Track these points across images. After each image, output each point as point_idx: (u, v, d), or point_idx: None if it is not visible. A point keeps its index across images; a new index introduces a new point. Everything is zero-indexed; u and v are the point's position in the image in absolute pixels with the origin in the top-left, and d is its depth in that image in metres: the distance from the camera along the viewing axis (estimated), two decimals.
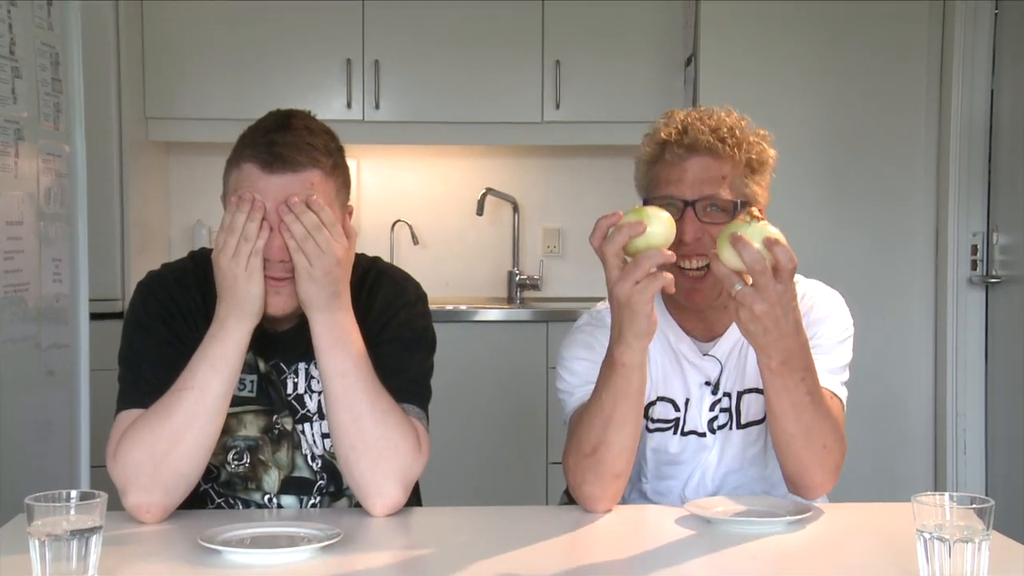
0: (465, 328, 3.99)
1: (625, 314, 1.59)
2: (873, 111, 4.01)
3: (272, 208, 1.68)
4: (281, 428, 1.86)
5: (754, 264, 1.54)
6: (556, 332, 3.89)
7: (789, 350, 1.62)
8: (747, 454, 1.93)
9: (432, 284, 3.93)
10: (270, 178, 1.68)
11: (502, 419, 3.99)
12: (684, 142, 1.83)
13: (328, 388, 1.72)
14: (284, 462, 1.86)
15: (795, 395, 1.66)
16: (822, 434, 1.70)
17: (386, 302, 1.87)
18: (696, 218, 1.80)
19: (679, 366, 1.93)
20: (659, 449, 1.95)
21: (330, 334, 1.72)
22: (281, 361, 1.85)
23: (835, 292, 1.94)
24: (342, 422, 1.72)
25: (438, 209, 4.62)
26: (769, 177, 1.89)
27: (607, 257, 1.58)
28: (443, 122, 4.25)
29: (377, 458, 1.71)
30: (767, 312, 1.57)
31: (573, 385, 1.90)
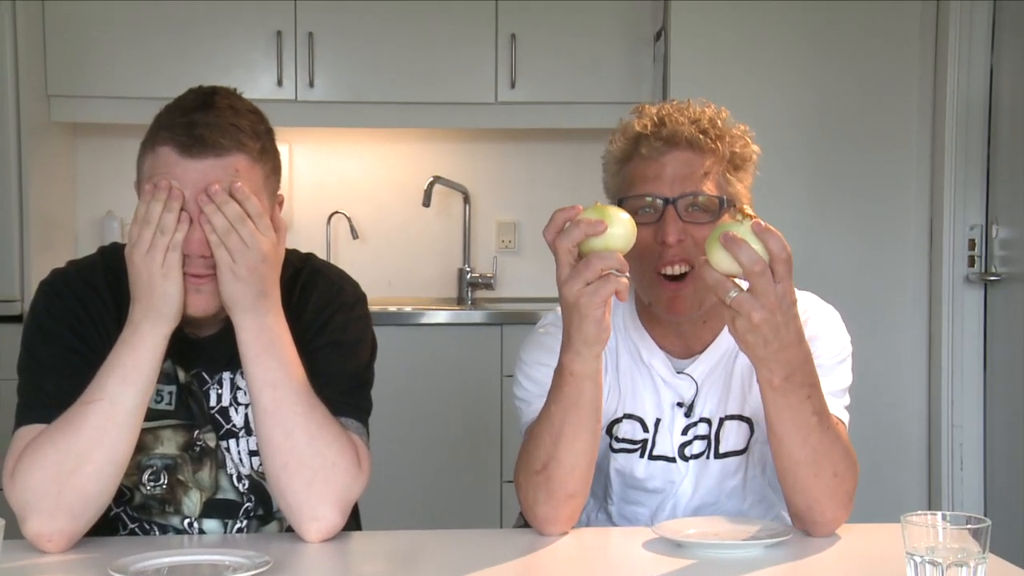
0: (410, 332, 3.99)
1: (574, 317, 1.60)
2: (861, 92, 4.05)
3: (192, 197, 1.66)
4: (203, 445, 1.84)
5: (752, 265, 1.54)
6: (511, 336, 3.90)
7: (792, 363, 1.62)
8: (724, 487, 1.94)
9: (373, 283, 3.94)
10: (189, 163, 1.67)
11: (451, 433, 3.99)
12: (662, 135, 1.83)
13: (257, 400, 1.72)
14: (206, 483, 1.85)
15: (801, 415, 1.66)
16: (831, 461, 1.70)
17: (321, 304, 1.86)
18: (678, 217, 1.80)
19: (651, 383, 1.94)
20: (624, 472, 1.96)
21: (258, 340, 1.71)
22: (203, 370, 1.84)
23: (831, 307, 1.95)
24: (272, 438, 1.71)
25: (380, 200, 4.61)
26: (752, 176, 1.91)
27: (560, 253, 1.58)
28: (385, 102, 4.24)
29: (312, 478, 1.70)
30: (767, 320, 1.57)
31: (531, 394, 1.90)
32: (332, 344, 1.83)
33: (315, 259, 1.96)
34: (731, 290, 1.57)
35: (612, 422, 1.95)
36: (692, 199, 1.81)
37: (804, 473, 1.69)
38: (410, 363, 3.94)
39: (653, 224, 1.81)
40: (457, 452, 3.99)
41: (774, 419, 1.67)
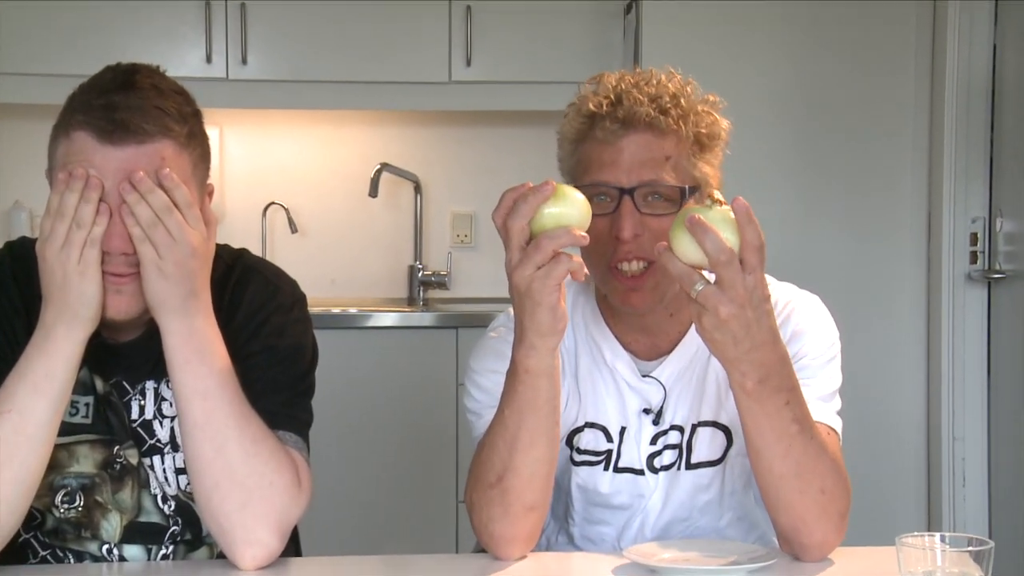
0: (355, 336, 3.98)
1: (526, 306, 1.60)
2: (851, 71, 4.07)
3: (112, 187, 1.65)
4: (124, 462, 1.84)
5: (718, 254, 1.53)
6: (468, 341, 3.90)
7: (767, 364, 1.61)
8: (697, 501, 1.94)
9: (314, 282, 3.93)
10: (109, 150, 1.65)
11: (401, 448, 3.99)
12: (618, 115, 1.83)
13: (185, 412, 1.71)
14: (127, 504, 1.84)
15: (780, 423, 1.65)
16: (818, 475, 1.69)
17: (255, 305, 1.86)
18: (635, 209, 1.80)
19: (615, 387, 1.94)
20: (586, 487, 1.96)
21: (187, 344, 1.70)
22: (124, 379, 1.84)
23: (814, 297, 1.95)
24: (203, 454, 1.70)
25: (321, 189, 4.61)
26: (721, 153, 1.90)
27: (511, 235, 1.58)
28: (326, 81, 4.23)
29: (247, 498, 1.70)
30: (736, 315, 1.56)
31: (483, 405, 1.90)
32: (268, 349, 1.83)
33: (249, 255, 1.95)
34: (697, 282, 1.56)
35: (572, 432, 1.95)
36: (651, 188, 1.81)
37: (787, 489, 1.69)
38: (355, 370, 3.93)
39: (609, 215, 1.81)
40: (407, 469, 3.99)
41: (750, 428, 1.67)
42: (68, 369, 1.67)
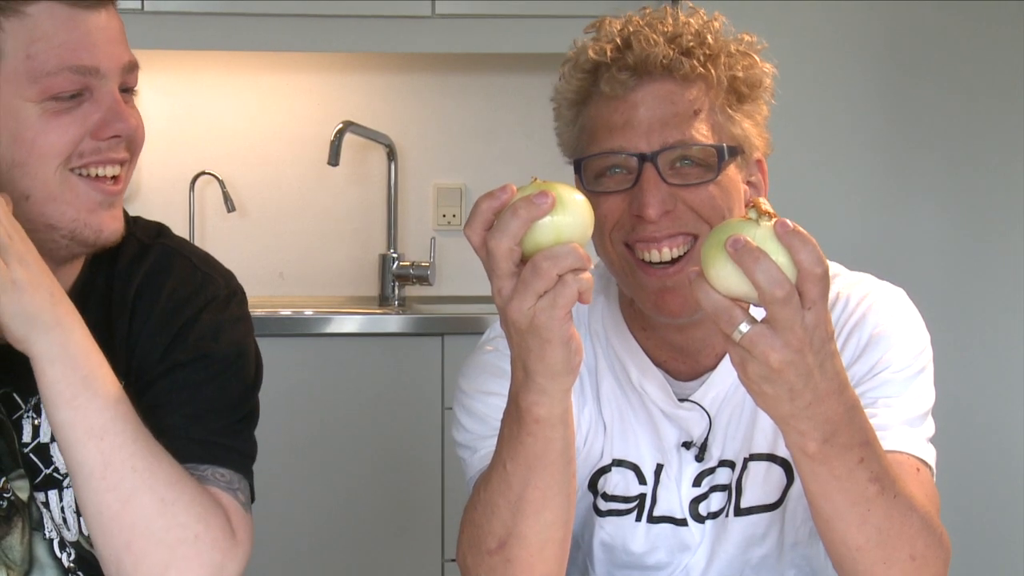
0: (311, 345, 4.00)
1: (531, 345, 1.55)
2: (957, 11, 4.08)
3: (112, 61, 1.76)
4: (12, 498, 1.84)
5: (773, 287, 1.46)
6: (456, 351, 3.91)
7: (834, 419, 1.58)
8: (750, 556, 1.95)
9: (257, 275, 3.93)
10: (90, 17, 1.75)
11: (373, 491, 4.00)
12: (628, 61, 1.82)
13: (75, 459, 1.70)
14: (16, 554, 1.84)
15: (853, 486, 1.63)
16: (906, 539, 1.68)
17: (179, 298, 1.86)
18: (661, 179, 1.80)
19: (646, 415, 1.95)
20: (613, 545, 1.97)
21: (73, 372, 1.69)
22: (14, 391, 1.84)
23: (898, 291, 1.96)
24: (103, 508, 1.70)
25: (266, 156, 4.62)
26: (766, 107, 1.90)
27: (496, 258, 1.51)
28: (272, 15, 4.23)
29: (169, 558, 1.70)
30: (793, 363, 1.50)
31: (477, 436, 1.92)
32: (199, 359, 1.83)
33: (170, 234, 1.96)
34: (740, 321, 1.50)
35: (597, 472, 1.96)
36: (680, 152, 1.81)
37: (868, 562, 1.68)
38: (311, 390, 3.95)
39: (627, 191, 1.81)
40: (380, 517, 4.00)
41: (817, 495, 1.65)
42: None
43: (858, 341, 1.86)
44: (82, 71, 1.72)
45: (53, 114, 1.72)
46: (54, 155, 1.72)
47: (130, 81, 1.80)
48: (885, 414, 1.78)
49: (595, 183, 1.84)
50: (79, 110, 1.73)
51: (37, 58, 1.70)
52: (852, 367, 1.84)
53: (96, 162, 1.75)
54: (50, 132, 1.72)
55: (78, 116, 1.73)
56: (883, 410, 1.79)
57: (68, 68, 1.71)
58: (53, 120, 1.72)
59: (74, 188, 1.73)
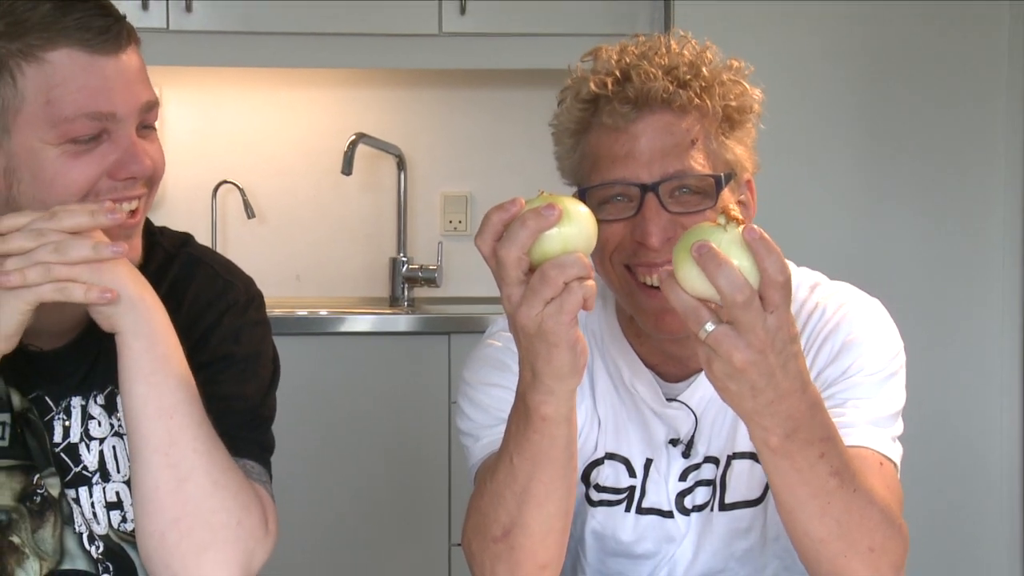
0: (325, 344, 4.00)
1: (539, 348, 1.56)
2: (929, 21, 4.07)
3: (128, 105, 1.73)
4: (44, 494, 1.84)
5: (734, 292, 1.46)
6: (462, 349, 3.90)
7: (795, 416, 1.57)
8: (734, 549, 1.95)
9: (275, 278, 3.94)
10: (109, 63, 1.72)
11: (383, 480, 4.00)
12: (628, 94, 1.81)
13: (144, 434, 1.71)
14: (48, 547, 1.85)
15: (814, 480, 1.63)
16: (865, 531, 1.68)
17: (203, 304, 1.87)
18: (662, 208, 1.79)
19: (637, 413, 1.95)
20: (603, 533, 1.97)
21: (152, 351, 1.71)
22: (46, 395, 1.84)
23: (874, 301, 1.95)
24: (162, 483, 1.71)
25: (283, 165, 4.62)
26: (754, 130, 1.89)
27: (506, 266, 1.52)
28: (290, 34, 4.23)
29: (210, 539, 1.71)
30: (755, 362, 1.50)
31: (480, 425, 1.92)
32: (221, 360, 1.84)
33: (195, 244, 1.96)
34: (706, 320, 1.49)
35: (590, 465, 1.96)
36: (679, 181, 1.80)
37: (829, 553, 1.68)
38: (325, 386, 3.94)
39: (629, 219, 1.80)
40: (390, 506, 4.00)
41: (779, 487, 1.65)
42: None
43: (831, 347, 1.86)
44: (99, 117, 1.70)
45: (72, 156, 1.70)
46: (72, 194, 1.70)
47: (149, 119, 1.78)
48: (853, 414, 1.78)
49: (598, 210, 1.81)
50: (97, 151, 1.71)
51: (56, 103, 1.69)
52: (825, 371, 1.85)
53: (113, 199, 1.73)
54: (68, 173, 1.70)
55: (96, 157, 1.71)
56: (851, 410, 1.79)
57: (85, 114, 1.69)
58: (71, 161, 1.70)
59: None
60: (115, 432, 1.84)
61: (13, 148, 1.71)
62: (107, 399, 1.85)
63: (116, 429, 1.84)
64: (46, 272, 1.62)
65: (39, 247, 1.63)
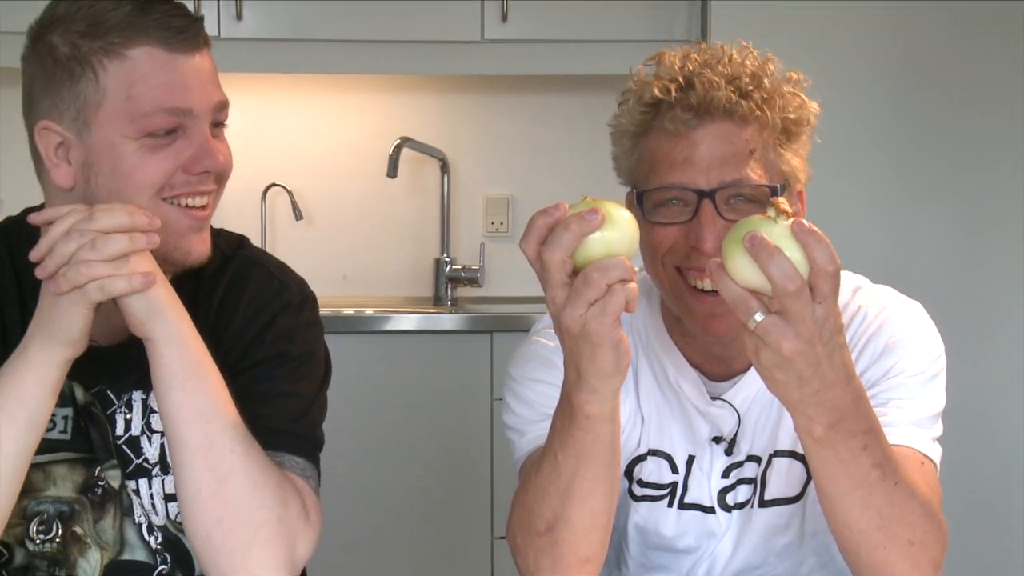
0: (371, 342, 4.00)
1: (583, 349, 1.56)
2: (961, 25, 4.04)
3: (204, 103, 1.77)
4: (105, 486, 1.86)
5: (786, 282, 1.46)
6: (504, 347, 3.90)
7: (840, 406, 1.57)
8: (773, 544, 1.94)
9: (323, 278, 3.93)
10: (186, 61, 1.76)
11: (427, 474, 4.00)
12: (690, 101, 1.80)
13: (183, 438, 1.72)
14: (109, 537, 1.86)
15: (857, 471, 1.62)
16: (906, 525, 1.67)
17: (258, 304, 1.88)
18: (717, 215, 1.78)
19: (681, 411, 1.95)
20: (646, 527, 1.97)
21: (185, 357, 1.72)
22: (108, 389, 1.86)
23: (916, 304, 1.94)
24: (203, 486, 1.72)
25: (331, 169, 4.63)
26: (809, 142, 1.89)
27: (550, 269, 1.53)
28: (337, 41, 4.24)
29: (253, 536, 1.72)
30: (803, 352, 1.50)
31: (525, 420, 1.92)
32: (275, 357, 1.85)
33: (250, 246, 1.98)
34: (756, 311, 1.50)
35: (634, 460, 1.96)
36: (735, 189, 1.80)
37: (869, 544, 1.67)
38: (371, 382, 3.94)
39: (684, 224, 1.80)
40: (434, 499, 4.00)
41: (822, 478, 1.65)
42: (43, 393, 1.69)
43: (874, 349, 1.85)
44: (176, 112, 1.73)
45: (149, 149, 1.73)
46: (148, 186, 1.73)
47: (220, 117, 1.81)
48: (895, 414, 1.78)
49: (653, 212, 1.82)
50: (173, 146, 1.74)
51: (136, 99, 1.72)
52: (868, 371, 1.83)
53: (186, 193, 1.76)
54: (146, 166, 1.73)
55: (172, 152, 1.74)
56: (894, 410, 1.79)
57: (164, 109, 1.72)
58: (149, 155, 1.73)
59: (166, 215, 1.74)
60: None
61: (93, 142, 1.74)
62: None
63: None
64: (87, 271, 1.64)
65: (79, 248, 1.64)
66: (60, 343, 1.68)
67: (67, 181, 1.77)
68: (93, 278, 1.64)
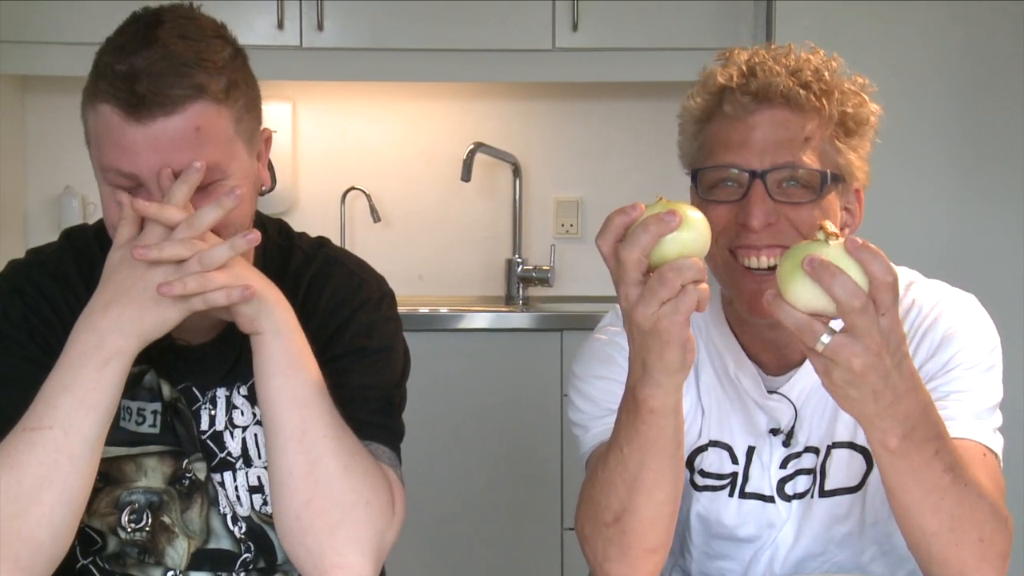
0: (446, 339, 4.01)
1: (652, 345, 1.57)
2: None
3: (145, 166, 1.68)
4: (192, 477, 1.88)
5: (851, 299, 1.46)
6: (573, 345, 3.87)
7: (912, 415, 1.57)
8: (834, 533, 1.94)
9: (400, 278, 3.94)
10: (136, 129, 1.67)
11: (499, 466, 4.01)
12: (751, 87, 1.82)
13: (280, 423, 1.75)
14: (196, 526, 1.88)
15: (929, 477, 1.62)
16: (975, 524, 1.67)
17: (338, 300, 1.90)
18: (767, 196, 1.79)
19: (740, 404, 1.95)
20: (708, 517, 1.97)
21: (288, 347, 1.75)
22: (193, 386, 1.88)
23: (969, 296, 1.93)
24: (295, 468, 1.74)
25: (407, 173, 4.64)
26: (870, 144, 1.88)
27: (626, 267, 1.54)
28: (413, 50, 4.24)
29: (340, 519, 1.74)
30: (874, 366, 1.50)
31: (589, 416, 1.93)
32: (356, 352, 1.86)
33: (331, 246, 1.99)
34: (822, 333, 1.49)
35: (695, 452, 1.96)
36: (788, 173, 1.80)
37: (941, 545, 1.67)
38: (445, 378, 3.95)
39: (735, 203, 1.81)
40: (506, 491, 4.01)
41: (896, 487, 1.65)
42: (120, 384, 1.70)
43: (931, 342, 1.84)
44: (123, 175, 1.70)
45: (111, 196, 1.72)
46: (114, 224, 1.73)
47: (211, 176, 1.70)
48: (955, 407, 1.77)
49: (708, 192, 1.84)
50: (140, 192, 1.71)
51: (100, 150, 1.71)
52: (926, 365, 1.82)
53: None
54: (111, 208, 1.73)
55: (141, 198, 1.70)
56: (953, 403, 1.78)
57: (114, 169, 1.70)
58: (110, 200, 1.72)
59: None
60: (257, 421, 1.88)
61: None
62: (250, 390, 1.87)
63: (258, 418, 1.87)
64: (203, 282, 1.65)
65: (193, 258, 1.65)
66: (143, 339, 1.69)
67: None
68: (203, 290, 1.66)
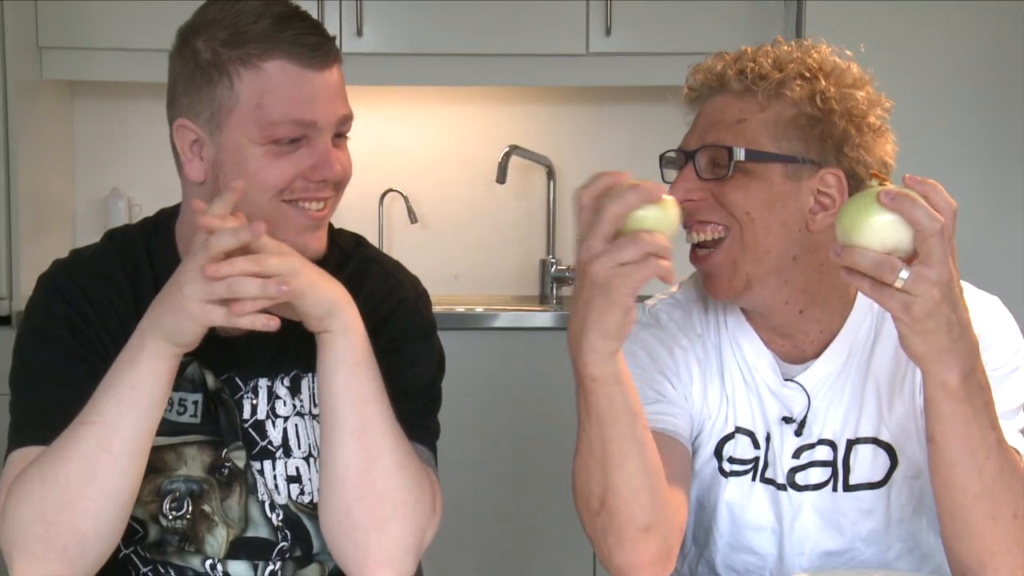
0: (481, 338, 4.02)
1: (597, 302, 1.59)
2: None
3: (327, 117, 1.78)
4: (231, 466, 1.89)
5: (932, 222, 1.50)
6: None
7: (972, 354, 1.59)
8: (860, 529, 1.93)
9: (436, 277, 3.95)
10: (316, 76, 1.78)
11: (534, 464, 4.00)
12: (699, 80, 1.90)
13: (342, 418, 1.76)
14: (235, 515, 1.89)
15: (978, 431, 1.62)
16: (1012, 497, 1.66)
17: (376, 299, 1.91)
18: (695, 174, 1.84)
19: (755, 390, 1.95)
20: (733, 503, 1.96)
21: (360, 345, 1.76)
22: (236, 376, 1.89)
23: (994, 298, 1.93)
24: (352, 464, 1.75)
25: (444, 175, 4.65)
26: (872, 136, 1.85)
27: (604, 218, 1.57)
28: (450, 54, 4.25)
29: (390, 515, 1.76)
30: (947, 296, 1.53)
31: None
32: (393, 351, 1.87)
33: (368, 245, 2.01)
34: (900, 267, 1.51)
35: (722, 440, 1.96)
36: (710, 152, 1.84)
37: (979, 513, 1.66)
38: (480, 376, 3.96)
39: None
40: (541, 489, 4.00)
41: (948, 436, 1.63)
42: (157, 382, 1.71)
43: None
44: (301, 123, 1.76)
45: (273, 155, 1.77)
46: (269, 188, 1.77)
47: (343, 129, 1.84)
48: None
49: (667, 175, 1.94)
50: (296, 154, 1.77)
51: (266, 108, 1.75)
52: None
53: (305, 198, 1.80)
54: (269, 170, 1.77)
55: (294, 159, 1.77)
56: None
57: (290, 120, 1.76)
58: (272, 160, 1.76)
59: (285, 214, 1.78)
60: (297, 412, 1.89)
61: (223, 143, 1.78)
62: (292, 382, 1.89)
63: (298, 409, 1.89)
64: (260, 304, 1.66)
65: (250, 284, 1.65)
66: (178, 345, 1.70)
67: (199, 175, 1.81)
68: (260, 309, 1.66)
